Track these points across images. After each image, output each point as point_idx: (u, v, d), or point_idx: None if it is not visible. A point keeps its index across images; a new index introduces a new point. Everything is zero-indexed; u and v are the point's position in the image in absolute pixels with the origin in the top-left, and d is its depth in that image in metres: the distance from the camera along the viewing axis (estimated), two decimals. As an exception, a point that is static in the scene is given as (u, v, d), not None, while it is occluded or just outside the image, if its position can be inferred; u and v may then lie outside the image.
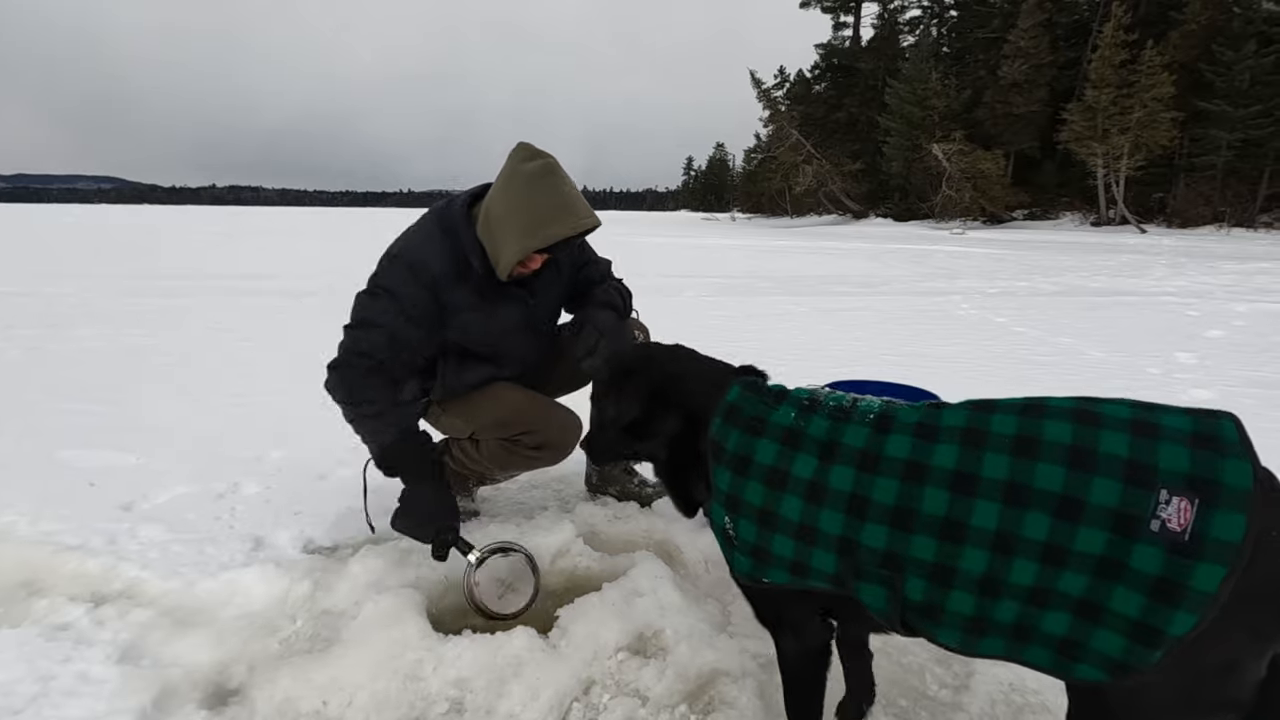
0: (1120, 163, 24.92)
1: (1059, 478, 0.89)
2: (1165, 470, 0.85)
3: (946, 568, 0.94)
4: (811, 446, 1.06)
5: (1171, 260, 12.76)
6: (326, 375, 1.75)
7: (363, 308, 1.76)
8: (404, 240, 1.80)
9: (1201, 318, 6.28)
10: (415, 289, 1.73)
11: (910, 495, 0.97)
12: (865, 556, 1.00)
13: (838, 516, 1.02)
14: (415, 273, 1.73)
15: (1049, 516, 0.88)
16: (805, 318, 6.32)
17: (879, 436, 1.02)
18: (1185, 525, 0.82)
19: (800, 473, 1.05)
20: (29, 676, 1.40)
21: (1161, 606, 0.82)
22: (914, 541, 0.96)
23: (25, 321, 5.60)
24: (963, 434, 0.97)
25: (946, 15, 39.11)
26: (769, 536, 1.08)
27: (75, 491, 2.29)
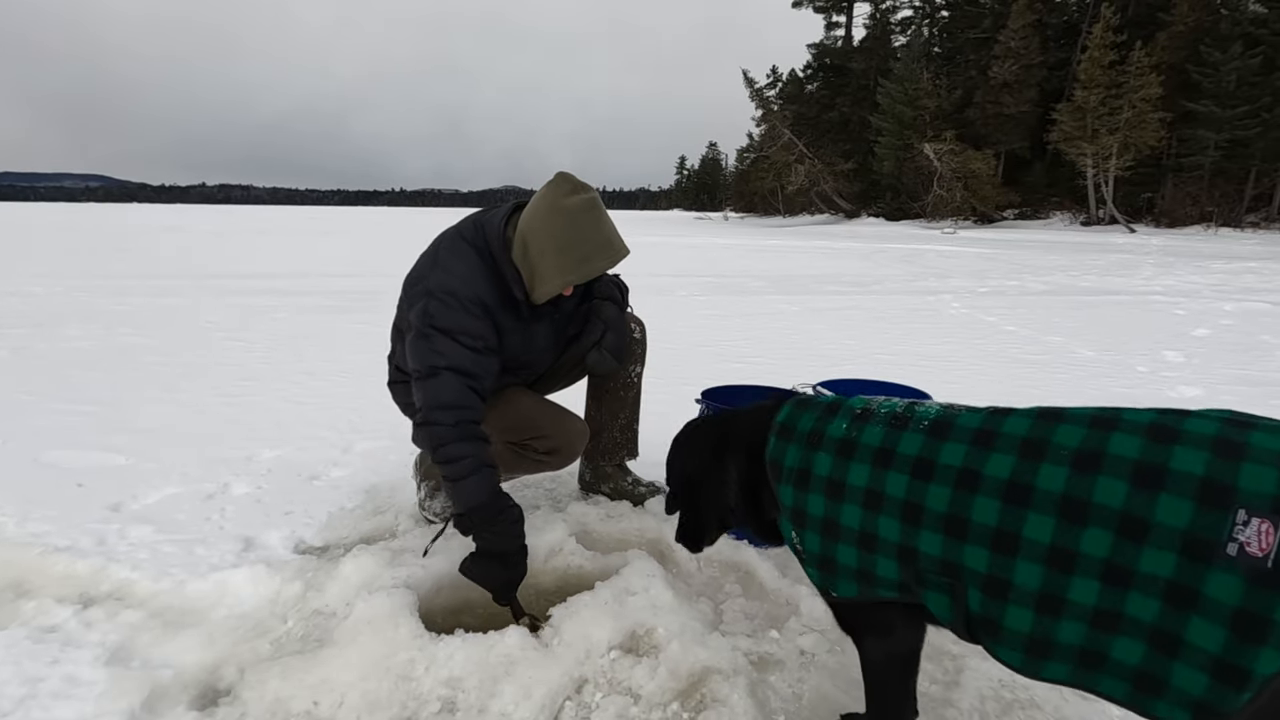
0: (1109, 163, 25.12)
1: (1120, 494, 0.84)
2: (1246, 490, 0.78)
3: (1000, 580, 0.92)
4: (866, 455, 1.06)
5: (1160, 260, 12.88)
6: (413, 432, 1.72)
7: (427, 355, 1.66)
8: (444, 273, 1.72)
9: (1189, 316, 6.35)
10: (477, 323, 1.69)
11: (963, 504, 0.95)
12: (926, 563, 0.99)
13: (894, 523, 1.02)
14: (472, 305, 1.69)
15: (1111, 534, 0.84)
16: (797, 317, 6.34)
17: (934, 443, 1.01)
18: (1268, 550, 0.75)
19: (856, 481, 1.06)
20: (16, 678, 1.39)
21: (1246, 642, 0.75)
22: (967, 551, 0.95)
23: (12, 321, 5.55)
24: (1022, 445, 0.94)
25: (938, 15, 39.30)
26: (833, 546, 1.09)
27: (63, 492, 2.27)
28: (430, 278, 1.72)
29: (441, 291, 1.68)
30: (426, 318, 1.67)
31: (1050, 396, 3.56)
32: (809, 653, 1.55)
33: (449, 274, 1.71)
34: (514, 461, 2.00)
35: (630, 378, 2.24)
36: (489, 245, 1.73)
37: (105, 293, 7.40)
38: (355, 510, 2.22)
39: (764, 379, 3.30)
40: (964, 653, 1.55)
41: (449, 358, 1.65)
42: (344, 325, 5.64)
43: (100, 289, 7.71)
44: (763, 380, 2.63)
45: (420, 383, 1.67)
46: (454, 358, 1.65)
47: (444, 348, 1.65)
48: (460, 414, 1.63)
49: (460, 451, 1.61)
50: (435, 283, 1.70)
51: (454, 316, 1.66)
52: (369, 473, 2.48)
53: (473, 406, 1.66)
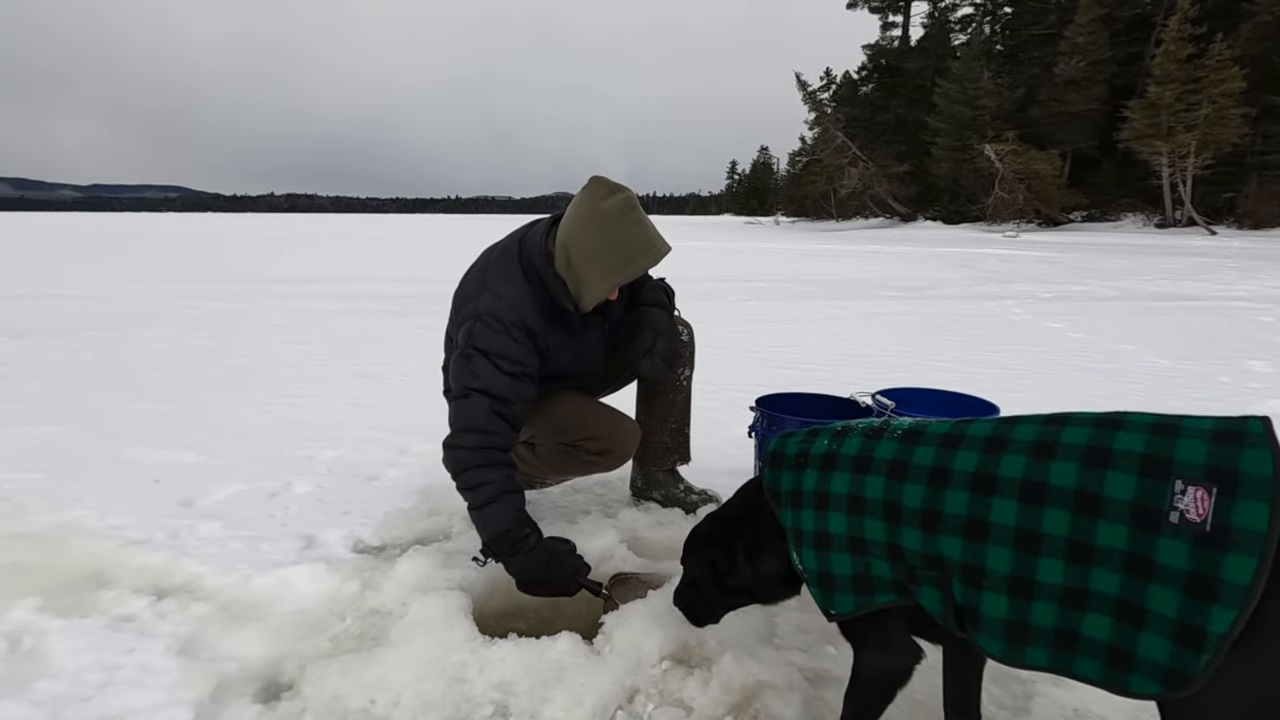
0: (1186, 161, 23.78)
1: (1072, 474, 0.91)
2: (1181, 462, 0.85)
3: (975, 566, 0.97)
4: (846, 464, 1.13)
5: (1242, 263, 12.13)
6: (443, 453, 1.70)
7: (465, 375, 1.68)
8: (492, 297, 1.73)
9: (1276, 323, 5.95)
10: (518, 346, 1.70)
11: (935, 498, 1.02)
12: (912, 559, 1.04)
13: (878, 524, 1.07)
14: (516, 330, 1.70)
15: (1068, 512, 0.90)
16: (849, 322, 6.21)
17: (906, 447, 1.08)
18: (1204, 515, 0.81)
19: (838, 489, 1.12)
20: (96, 665, 1.46)
21: (1198, 602, 0.81)
22: (944, 541, 1.00)
23: (95, 324, 5.89)
24: (985, 442, 1.02)
25: (1000, 12, 38.03)
26: (827, 558, 1.13)
27: (140, 488, 2.39)
28: (479, 300, 1.74)
29: (488, 314, 1.71)
30: (470, 339, 1.70)
31: (1124, 408, 3.36)
32: (866, 671, 1.50)
33: (496, 297, 1.73)
34: (566, 463, 2.01)
35: (679, 381, 2.22)
36: (533, 263, 1.74)
37: (179, 297, 7.80)
38: (411, 511, 2.26)
39: (814, 385, 3.24)
40: (1033, 678, 1.48)
41: (484, 380, 1.67)
42: (400, 329, 5.80)
43: (174, 294, 8.13)
44: (813, 387, 2.58)
45: (454, 402, 1.71)
46: (489, 380, 1.67)
47: (481, 369, 1.67)
48: (484, 439, 1.65)
49: (481, 478, 1.63)
50: (483, 305, 1.72)
51: (496, 340, 1.69)
52: (424, 474, 2.53)
53: (498, 432, 1.67)
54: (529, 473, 2.09)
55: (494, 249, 1.85)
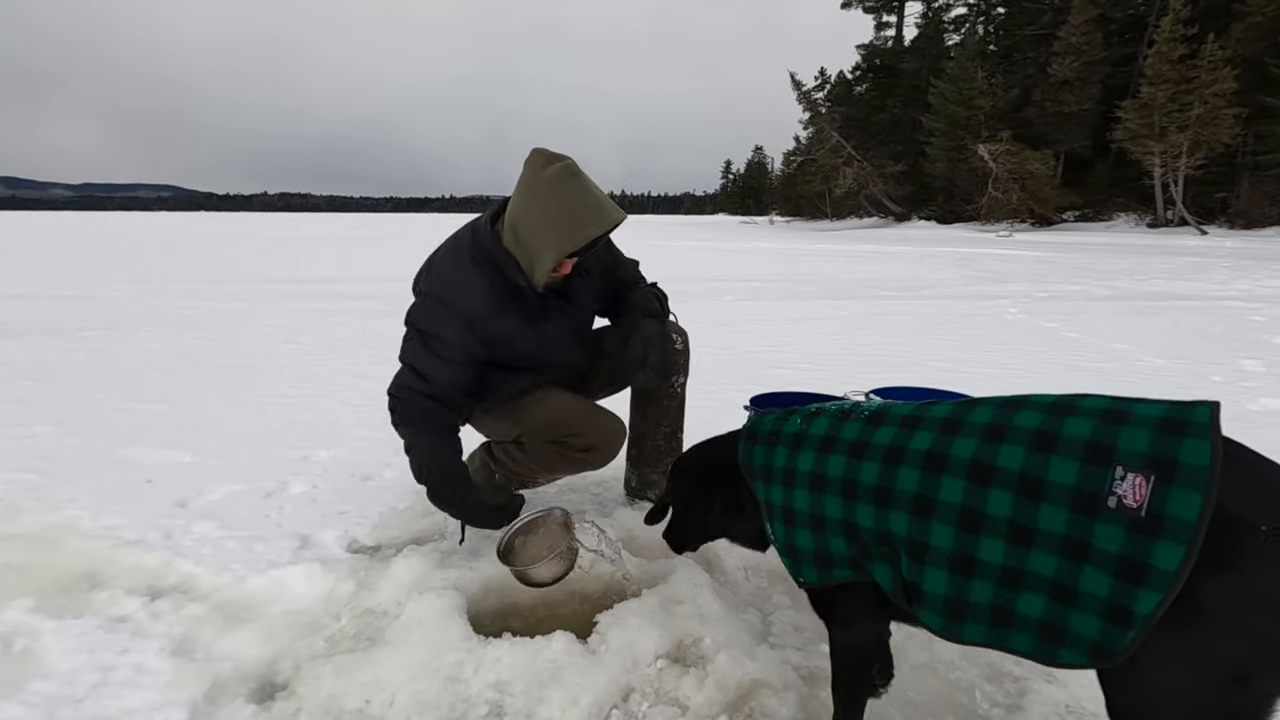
0: (1179, 161, 23.87)
1: (1019, 458, 0.93)
2: (1123, 450, 0.87)
3: (919, 542, 1.00)
4: (812, 444, 1.18)
5: (1235, 263, 12.19)
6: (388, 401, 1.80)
7: (403, 346, 1.83)
8: (439, 278, 1.80)
9: (1268, 323, 5.99)
10: (455, 330, 1.74)
11: (889, 475, 1.05)
12: (865, 535, 1.08)
13: (836, 501, 1.11)
14: (454, 314, 1.75)
15: (1012, 494, 0.93)
16: (845, 322, 6.22)
17: (869, 428, 1.12)
18: (1140, 502, 0.83)
19: (804, 467, 1.17)
20: (90, 666, 1.46)
21: (1127, 585, 0.84)
22: (892, 518, 1.04)
23: (89, 324, 5.87)
24: (942, 423, 1.05)
25: (994, 13, 38.11)
26: (792, 531, 1.19)
27: (134, 488, 2.38)
28: (425, 280, 1.82)
29: (431, 295, 1.79)
30: (410, 316, 1.82)
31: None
32: (861, 669, 1.50)
33: (444, 280, 1.79)
34: (554, 460, 2.02)
35: (674, 388, 2.22)
36: (482, 245, 1.77)
37: (174, 297, 7.77)
38: (406, 511, 2.26)
39: (811, 385, 3.25)
40: (1026, 675, 1.49)
41: (409, 355, 1.79)
42: (396, 329, 5.77)
43: (169, 293, 8.09)
44: (810, 387, 2.58)
45: (402, 367, 1.82)
46: (413, 356, 1.78)
47: (410, 346, 1.80)
48: (401, 406, 1.77)
49: (401, 432, 1.79)
50: (427, 285, 1.81)
51: (431, 321, 1.77)
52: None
53: (408, 401, 1.76)
54: (520, 472, 2.09)
55: (451, 236, 1.88)
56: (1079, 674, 1.47)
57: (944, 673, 1.50)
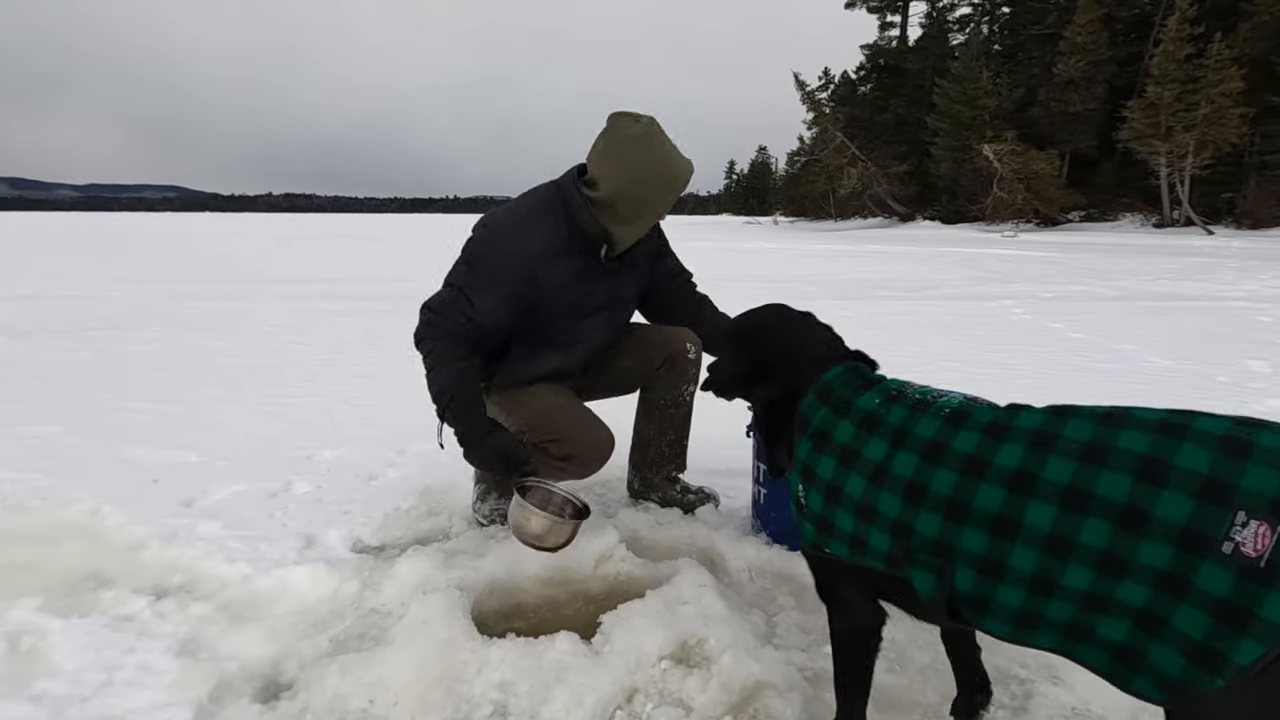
0: (1185, 161, 23.77)
1: (1123, 488, 0.86)
2: (1247, 491, 0.79)
3: (996, 562, 0.95)
4: (886, 432, 1.10)
5: (1241, 263, 12.14)
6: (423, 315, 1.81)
7: (454, 270, 1.81)
8: (508, 214, 1.82)
9: (1275, 323, 5.95)
10: (509, 263, 1.75)
11: (967, 489, 0.98)
12: (918, 542, 1.03)
13: (896, 500, 1.05)
14: (513, 247, 1.76)
15: (1110, 525, 0.86)
16: (851, 323, 6.18)
17: (949, 430, 1.04)
18: (1262, 551, 0.77)
19: (870, 455, 1.10)
20: (96, 665, 1.46)
21: (1227, 630, 0.78)
22: (965, 534, 0.98)
23: (95, 324, 5.89)
24: (1032, 437, 0.97)
25: (998, 12, 38.02)
26: (833, 509, 1.13)
27: (140, 487, 2.39)
28: (496, 215, 1.82)
29: (495, 226, 1.80)
30: (468, 242, 1.81)
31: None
32: (866, 670, 1.50)
33: (511, 215, 1.81)
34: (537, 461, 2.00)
35: (682, 396, 2.19)
36: (566, 197, 1.78)
37: (179, 297, 7.79)
38: (410, 511, 2.26)
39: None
40: (1032, 677, 1.48)
41: (459, 279, 1.78)
42: (400, 329, 5.78)
43: (174, 293, 8.12)
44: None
45: (444, 286, 1.81)
46: (463, 280, 1.77)
47: (459, 271, 1.78)
48: (435, 318, 1.76)
49: (429, 347, 1.77)
50: (492, 215, 1.82)
51: (489, 249, 1.77)
52: (423, 474, 2.53)
53: (449, 318, 1.75)
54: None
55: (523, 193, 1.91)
56: (1086, 676, 1.46)
57: (949, 674, 1.50)
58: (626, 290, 2.01)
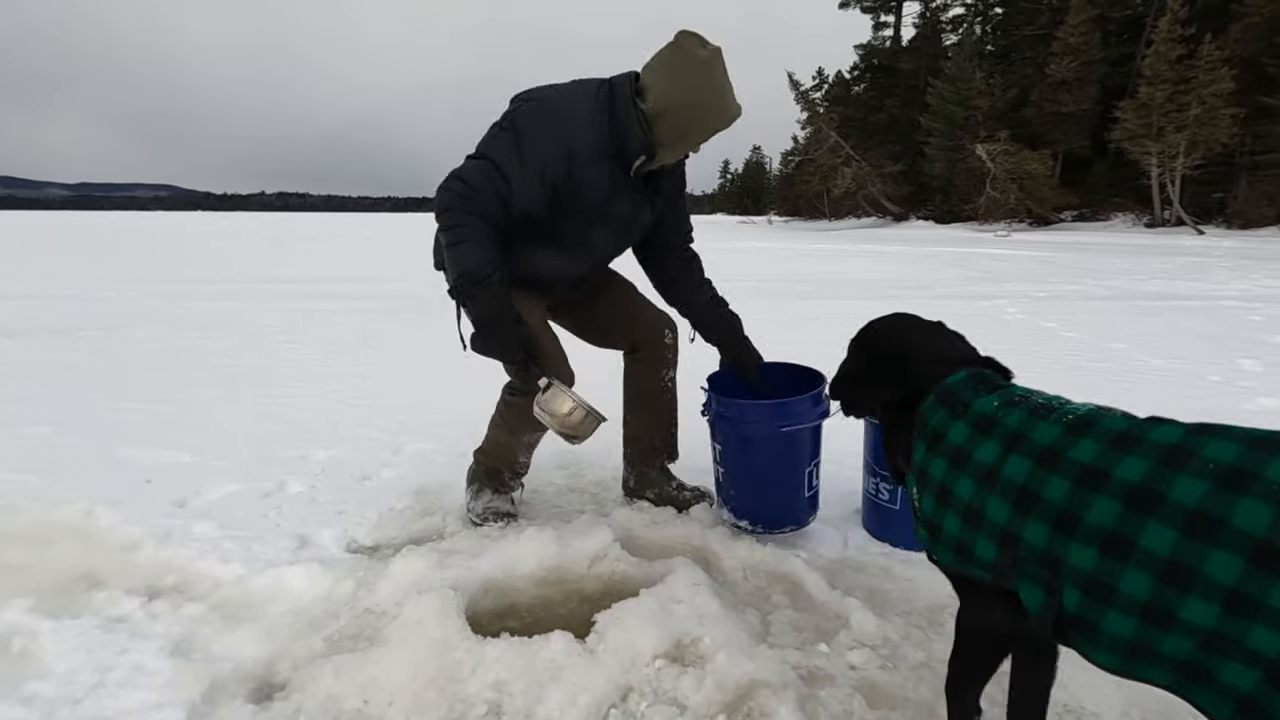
0: (1176, 161, 23.91)
1: (1263, 519, 0.77)
2: None
3: (1104, 584, 0.88)
4: (1000, 435, 1.05)
5: (1233, 263, 12.22)
6: (437, 197, 1.73)
7: (489, 141, 1.73)
8: (559, 96, 1.75)
9: (1266, 323, 6.00)
10: (553, 145, 1.70)
11: (1081, 501, 0.91)
12: (1025, 552, 0.97)
13: (1004, 506, 1.00)
14: (560, 132, 1.71)
15: (1243, 561, 0.77)
16: (845, 322, 6.21)
17: (1069, 438, 0.98)
18: None
19: (981, 458, 1.05)
20: (88, 666, 1.46)
21: None
22: (1073, 549, 0.91)
23: (88, 324, 5.86)
24: (1163, 453, 0.88)
25: (991, 13, 38.16)
26: (942, 513, 1.10)
27: (133, 488, 2.38)
28: (542, 91, 1.76)
29: (544, 105, 1.73)
30: (511, 115, 1.73)
31: (1117, 406, 3.39)
32: (859, 668, 1.51)
33: (565, 99, 1.74)
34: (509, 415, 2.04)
35: (664, 383, 2.23)
36: (617, 100, 1.73)
37: (172, 297, 7.75)
38: (405, 511, 2.26)
39: (811, 385, 3.23)
40: (1024, 674, 1.49)
41: (500, 153, 1.70)
42: (394, 328, 5.78)
43: (167, 293, 8.08)
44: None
45: (468, 158, 1.74)
46: (503, 156, 1.70)
47: (503, 144, 1.70)
48: (470, 192, 1.67)
49: (458, 220, 1.68)
50: (543, 95, 1.74)
51: (533, 127, 1.71)
52: (418, 474, 2.53)
53: (485, 195, 1.68)
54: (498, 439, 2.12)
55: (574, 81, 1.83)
56: (1080, 675, 1.47)
57: (942, 671, 1.50)
58: (643, 215, 1.96)
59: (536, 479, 2.50)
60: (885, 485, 2.03)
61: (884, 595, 1.80)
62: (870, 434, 2.10)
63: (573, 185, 1.76)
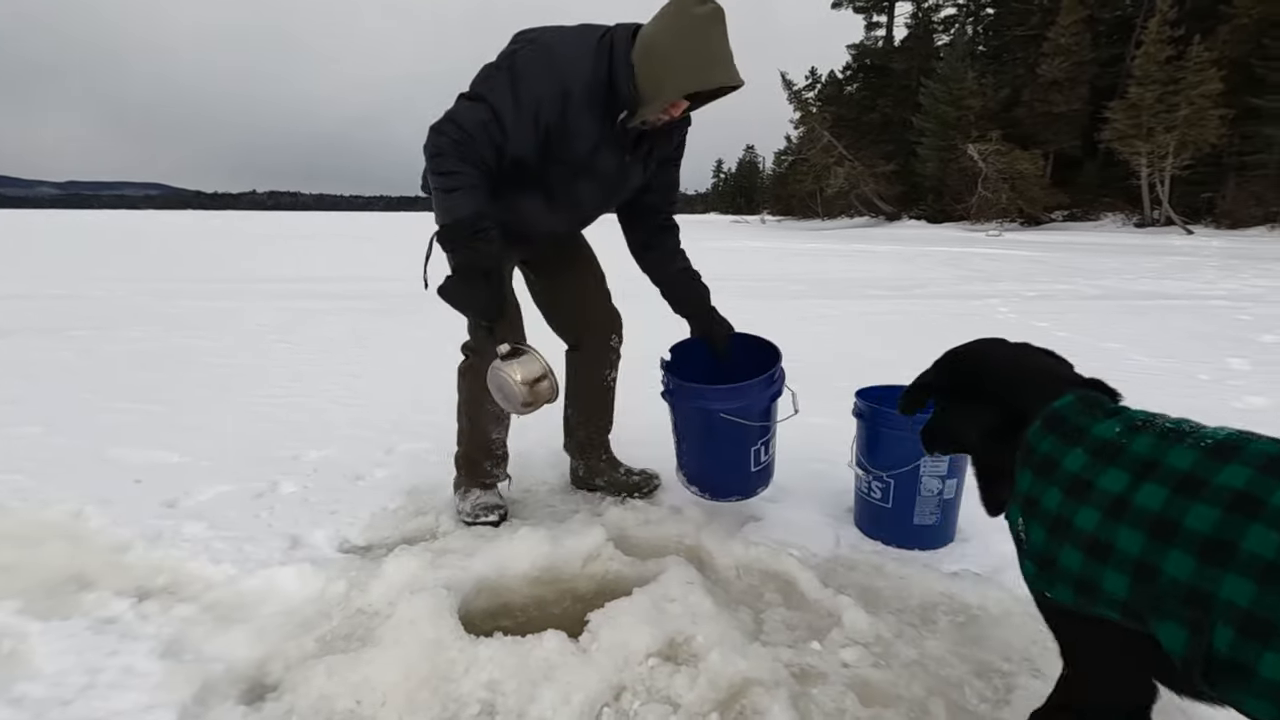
0: (1165, 162, 24.10)
1: None
2: None
3: (1264, 620, 0.79)
4: (1128, 462, 0.96)
5: (1222, 262, 12.32)
6: (428, 138, 1.68)
7: (485, 81, 1.69)
8: (560, 39, 1.71)
9: (1255, 321, 6.05)
10: (547, 89, 1.66)
11: (1235, 528, 0.83)
12: (1167, 586, 0.87)
13: (1138, 536, 0.90)
14: (557, 75, 1.67)
15: None
16: (837, 321, 6.24)
17: (1211, 463, 0.90)
18: None
19: (1107, 486, 0.96)
20: (78, 668, 1.44)
21: None
22: (1226, 580, 0.82)
23: (78, 323, 5.81)
24: None
25: (983, 13, 38.37)
26: (1058, 545, 1.01)
27: (123, 488, 2.36)
28: (543, 34, 1.71)
29: (543, 45, 1.69)
30: (510, 56, 1.69)
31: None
32: (852, 666, 1.51)
33: (564, 43, 1.70)
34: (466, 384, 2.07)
35: (606, 382, 2.31)
36: (614, 44, 1.68)
37: (163, 296, 7.70)
38: (398, 511, 2.26)
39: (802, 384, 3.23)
40: (1014, 670, 1.50)
41: (496, 95, 1.65)
42: (388, 328, 5.76)
43: (157, 292, 8.02)
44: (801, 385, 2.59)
45: (460, 99, 1.69)
46: (499, 97, 1.65)
47: (499, 85, 1.66)
48: (465, 138, 1.63)
49: (453, 166, 1.64)
50: (544, 37, 1.70)
51: (532, 69, 1.66)
52: (411, 474, 2.52)
53: (480, 141, 1.65)
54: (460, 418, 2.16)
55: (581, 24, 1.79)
56: (1067, 669, 1.49)
57: (934, 669, 1.52)
58: (634, 176, 1.94)
59: (529, 478, 2.50)
60: (877, 484, 2.04)
61: (876, 593, 1.81)
62: (861, 431, 2.11)
63: (565, 130, 1.72)
